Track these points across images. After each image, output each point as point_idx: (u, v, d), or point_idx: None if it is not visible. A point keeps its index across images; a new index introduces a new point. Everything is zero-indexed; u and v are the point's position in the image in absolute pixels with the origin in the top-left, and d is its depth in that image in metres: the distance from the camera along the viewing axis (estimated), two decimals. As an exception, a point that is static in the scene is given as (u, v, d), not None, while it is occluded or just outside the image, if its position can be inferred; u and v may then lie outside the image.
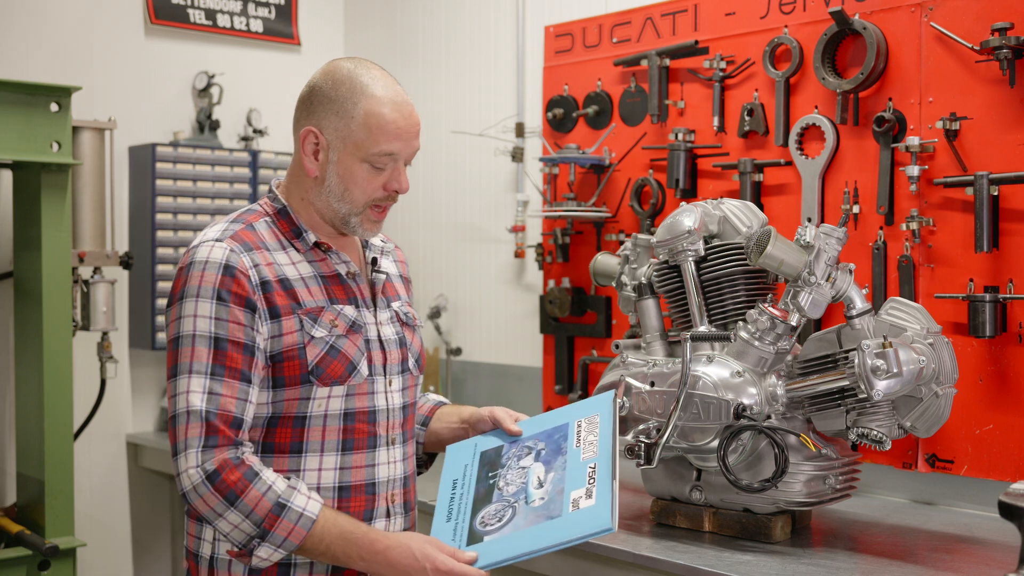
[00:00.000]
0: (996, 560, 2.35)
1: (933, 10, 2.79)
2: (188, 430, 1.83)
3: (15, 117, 3.42)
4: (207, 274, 1.87)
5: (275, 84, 4.63)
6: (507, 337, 4.12)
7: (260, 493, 1.82)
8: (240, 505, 1.81)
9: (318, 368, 1.91)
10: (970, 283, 2.72)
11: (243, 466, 1.83)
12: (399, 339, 2.06)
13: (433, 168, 4.45)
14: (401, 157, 1.95)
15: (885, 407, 2.37)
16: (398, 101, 1.94)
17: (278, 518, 1.82)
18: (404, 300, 2.14)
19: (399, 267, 2.20)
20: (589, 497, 1.86)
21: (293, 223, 2.00)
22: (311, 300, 1.93)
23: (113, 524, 4.24)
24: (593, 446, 1.97)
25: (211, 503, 1.82)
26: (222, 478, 1.81)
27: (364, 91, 1.92)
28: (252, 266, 1.89)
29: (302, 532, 1.83)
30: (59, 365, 3.55)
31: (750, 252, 2.48)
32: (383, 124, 1.91)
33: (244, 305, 1.87)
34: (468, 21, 4.31)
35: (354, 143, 1.92)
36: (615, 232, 3.57)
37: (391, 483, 2.01)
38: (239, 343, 1.86)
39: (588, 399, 2.12)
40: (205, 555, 1.95)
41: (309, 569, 1.93)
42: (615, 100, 3.58)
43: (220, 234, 1.93)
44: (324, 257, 2.00)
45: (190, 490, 1.83)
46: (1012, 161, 2.65)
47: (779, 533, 2.48)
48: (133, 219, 4.23)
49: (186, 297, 1.88)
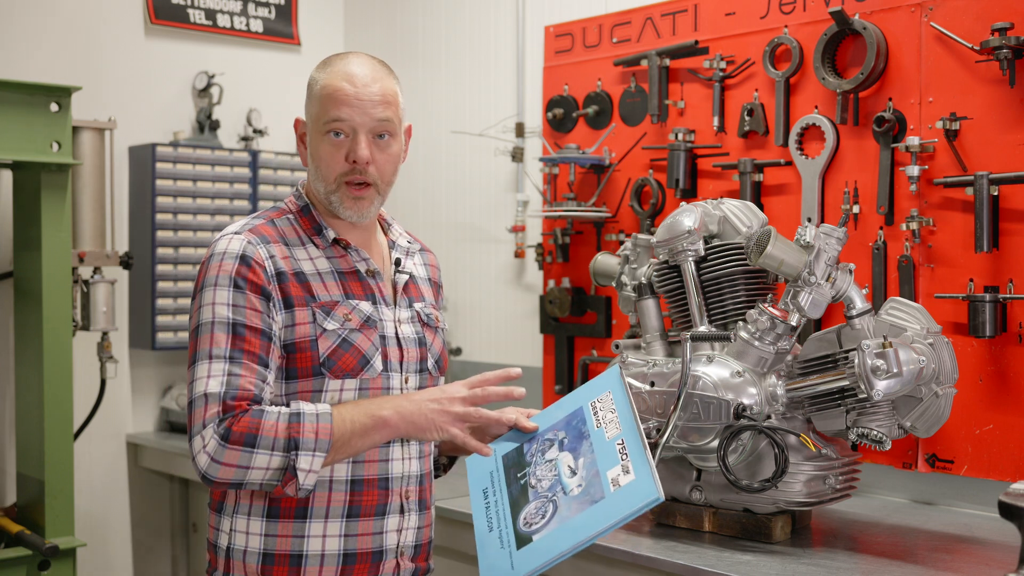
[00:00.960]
0: (996, 560, 2.35)
1: (933, 10, 2.79)
2: (206, 411, 1.84)
3: (15, 117, 3.42)
4: (225, 263, 1.91)
5: (275, 84, 4.63)
6: (507, 337, 4.12)
7: (273, 421, 1.84)
8: (262, 441, 1.82)
9: (329, 360, 1.93)
10: (970, 283, 2.72)
11: (247, 412, 1.84)
12: (418, 338, 2.07)
13: (433, 168, 4.45)
14: (358, 125, 1.96)
15: (885, 407, 2.37)
16: (352, 72, 1.97)
17: (299, 425, 1.84)
18: (429, 302, 2.15)
19: (429, 271, 2.22)
20: (627, 473, 1.84)
21: (314, 220, 2.03)
22: (326, 294, 1.96)
23: (113, 524, 4.24)
24: (614, 423, 1.94)
25: (234, 460, 1.81)
26: (233, 430, 1.82)
27: (328, 68, 2.00)
28: (268, 257, 1.93)
29: (327, 426, 1.85)
30: (59, 365, 3.55)
31: (750, 252, 2.48)
32: (332, 92, 1.96)
33: (260, 293, 1.91)
34: (468, 21, 4.31)
35: (313, 118, 1.99)
36: (615, 232, 3.57)
37: (406, 479, 2.02)
38: (256, 328, 1.89)
39: (594, 379, 2.09)
40: (223, 546, 1.97)
41: (320, 562, 1.93)
42: (615, 100, 3.58)
43: (240, 228, 1.98)
44: (344, 254, 2.03)
45: (208, 464, 1.82)
46: (1012, 161, 2.65)
47: (779, 533, 2.48)
48: (133, 219, 4.23)
49: (205, 287, 1.92)
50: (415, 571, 2.04)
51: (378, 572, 1.98)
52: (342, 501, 1.94)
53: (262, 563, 1.93)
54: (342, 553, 1.95)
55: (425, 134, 4.45)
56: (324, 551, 1.94)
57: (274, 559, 1.93)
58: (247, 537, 1.94)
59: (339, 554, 1.94)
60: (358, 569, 1.96)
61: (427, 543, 2.08)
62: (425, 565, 2.08)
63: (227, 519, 1.97)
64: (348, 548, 1.95)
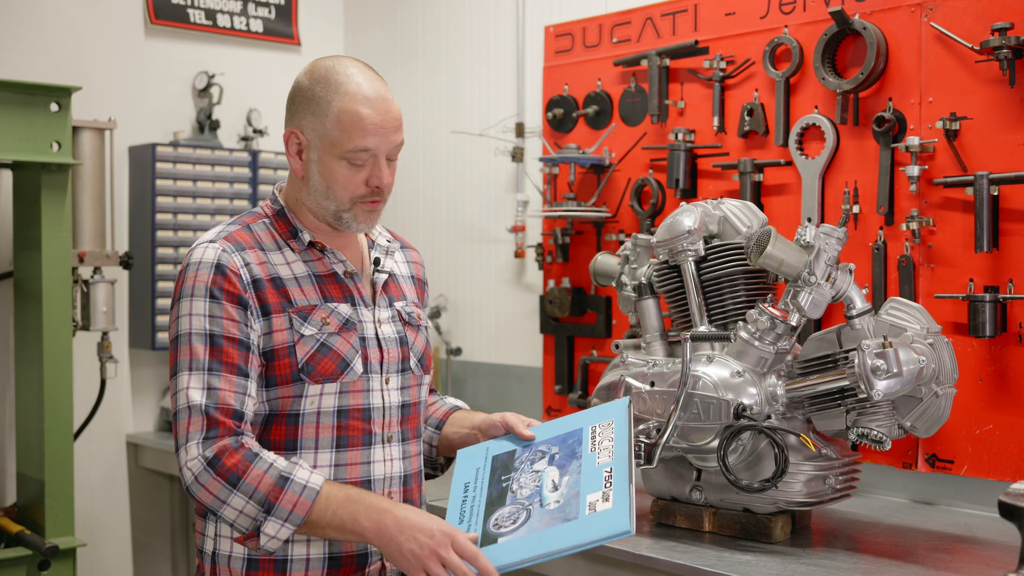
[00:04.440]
0: (996, 560, 2.35)
1: (933, 10, 2.79)
2: (190, 424, 1.85)
3: (15, 117, 3.43)
4: (200, 274, 1.91)
5: (275, 84, 4.61)
6: (507, 337, 4.12)
7: (262, 471, 1.83)
8: (243, 486, 1.82)
9: (308, 366, 1.92)
10: (970, 283, 2.72)
11: (242, 449, 1.85)
12: (399, 338, 2.06)
13: (433, 168, 4.45)
14: (380, 152, 1.95)
15: (885, 407, 2.37)
16: (372, 97, 1.93)
17: (282, 491, 1.83)
18: (410, 300, 2.14)
19: (412, 268, 2.21)
20: (606, 500, 1.85)
21: (290, 223, 2.02)
22: (303, 299, 1.95)
23: (113, 524, 4.24)
24: (608, 451, 1.96)
25: (214, 490, 1.83)
26: (222, 462, 1.82)
27: (339, 88, 1.93)
28: (243, 265, 1.92)
29: (307, 503, 1.84)
30: (59, 365, 3.55)
31: (750, 252, 2.48)
32: (356, 121, 1.92)
33: (236, 303, 1.90)
34: (468, 21, 4.31)
35: (330, 141, 1.93)
36: (615, 232, 3.57)
37: (388, 481, 2.01)
38: (234, 339, 1.89)
39: (602, 405, 2.10)
40: (208, 551, 1.97)
41: (305, 567, 1.93)
42: (615, 100, 3.58)
43: (215, 236, 1.97)
44: (321, 257, 2.02)
45: (192, 482, 1.84)
46: (1012, 161, 2.65)
47: (779, 533, 2.48)
48: (133, 219, 4.23)
49: (182, 298, 1.92)
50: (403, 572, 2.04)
51: (364, 575, 1.98)
52: None
53: (247, 568, 1.93)
54: (327, 556, 1.94)
55: (425, 134, 4.46)
56: (309, 555, 1.93)
57: (259, 564, 1.93)
58: (232, 542, 1.94)
59: (324, 557, 1.94)
60: (344, 572, 1.96)
61: None
62: None
63: (212, 524, 1.97)
64: (333, 551, 1.95)
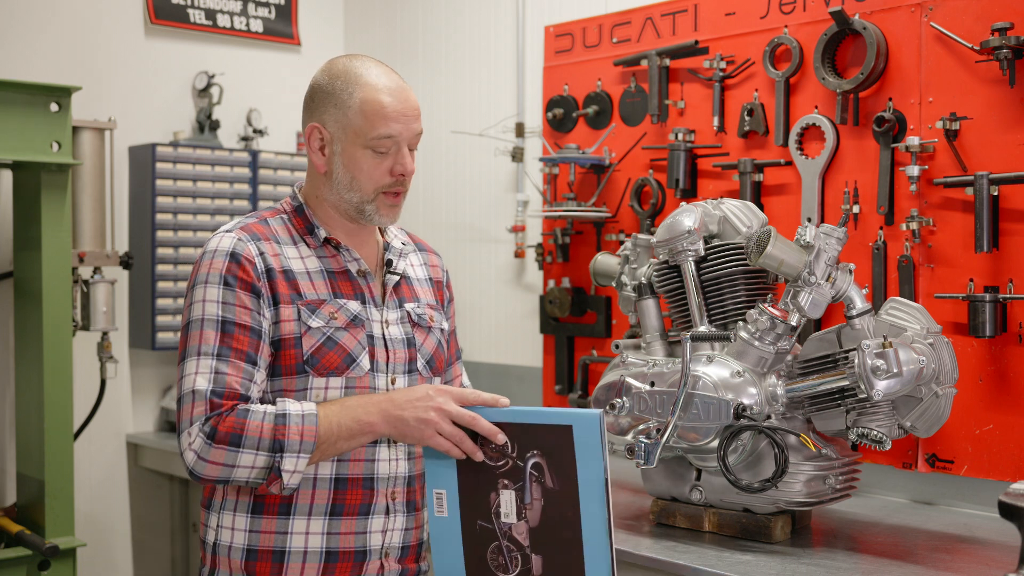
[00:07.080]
0: (996, 560, 2.35)
1: (933, 10, 2.79)
2: (193, 408, 1.87)
3: (15, 117, 3.42)
4: (215, 261, 1.94)
5: (275, 84, 4.63)
6: (507, 337, 4.12)
7: (259, 421, 1.85)
8: (247, 441, 1.84)
9: (313, 358, 1.94)
10: (970, 283, 2.72)
11: (232, 411, 1.87)
12: (407, 339, 2.07)
13: (433, 168, 4.45)
14: (402, 139, 2.00)
15: (885, 407, 2.37)
16: (392, 86, 2.00)
17: (285, 427, 1.86)
18: (424, 302, 2.15)
19: (429, 271, 2.22)
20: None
21: (307, 220, 2.05)
22: (313, 292, 1.98)
23: (113, 524, 4.24)
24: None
25: (219, 459, 1.84)
26: (218, 429, 1.84)
27: (359, 80, 1.99)
28: (258, 254, 1.96)
29: (312, 428, 1.87)
30: (59, 365, 3.55)
31: (750, 252, 2.48)
32: (379, 108, 1.97)
33: (250, 291, 1.93)
34: (468, 21, 4.31)
35: (354, 131, 1.98)
36: (615, 232, 3.57)
37: (391, 480, 2.02)
38: (246, 326, 1.92)
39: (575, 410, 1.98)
40: (210, 541, 2.00)
41: (302, 559, 1.95)
42: (615, 100, 3.58)
43: (232, 226, 2.01)
44: (335, 254, 2.04)
45: (195, 462, 1.85)
46: (1012, 161, 2.65)
47: (779, 533, 2.48)
48: (133, 219, 4.23)
49: (196, 284, 1.95)
50: (402, 572, 2.05)
51: (361, 572, 1.99)
52: (325, 499, 1.96)
53: (246, 559, 1.96)
54: (324, 551, 1.96)
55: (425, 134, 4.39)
56: (307, 548, 1.95)
57: (258, 555, 1.95)
58: (232, 533, 1.97)
59: (321, 551, 1.96)
60: (340, 568, 1.97)
61: (416, 544, 2.08)
62: (415, 567, 2.08)
63: (214, 515, 2.00)
64: (330, 546, 1.96)
